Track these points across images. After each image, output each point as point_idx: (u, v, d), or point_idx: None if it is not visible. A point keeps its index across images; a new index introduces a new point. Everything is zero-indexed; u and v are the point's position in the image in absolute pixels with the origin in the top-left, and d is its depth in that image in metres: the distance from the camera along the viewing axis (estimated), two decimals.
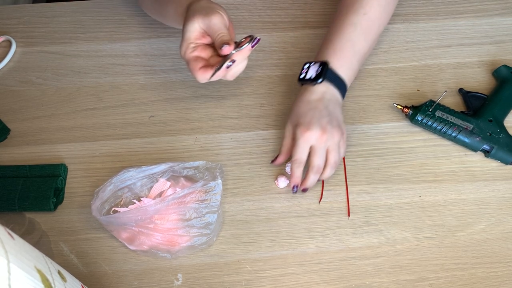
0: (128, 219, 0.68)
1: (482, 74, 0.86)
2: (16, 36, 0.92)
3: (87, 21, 0.94)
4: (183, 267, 0.70)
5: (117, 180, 0.72)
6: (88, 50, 0.91)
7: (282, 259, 0.70)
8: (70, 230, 0.73)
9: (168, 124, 0.82)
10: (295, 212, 0.74)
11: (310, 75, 0.74)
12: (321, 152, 0.70)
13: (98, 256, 0.71)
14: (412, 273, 0.69)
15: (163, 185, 0.74)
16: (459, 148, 0.78)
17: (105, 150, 0.80)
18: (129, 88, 0.86)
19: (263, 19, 0.93)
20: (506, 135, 0.77)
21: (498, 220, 0.73)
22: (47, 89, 0.87)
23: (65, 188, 0.76)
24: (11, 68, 0.89)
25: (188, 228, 0.69)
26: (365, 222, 0.73)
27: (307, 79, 0.74)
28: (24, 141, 0.81)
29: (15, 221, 0.73)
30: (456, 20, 0.92)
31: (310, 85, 0.74)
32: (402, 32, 0.91)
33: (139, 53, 0.90)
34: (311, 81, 0.73)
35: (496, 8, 0.93)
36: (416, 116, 0.78)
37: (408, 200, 0.74)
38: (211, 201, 0.70)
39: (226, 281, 0.69)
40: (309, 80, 0.74)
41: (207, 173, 0.73)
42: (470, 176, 0.76)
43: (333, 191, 0.75)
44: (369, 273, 0.69)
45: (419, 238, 0.71)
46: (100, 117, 0.83)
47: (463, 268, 0.69)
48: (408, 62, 0.87)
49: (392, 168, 0.77)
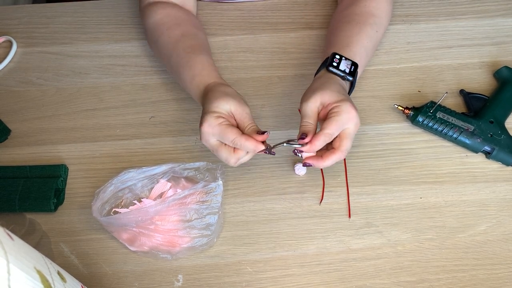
0: (128, 220, 0.68)
1: (483, 75, 0.86)
2: (16, 37, 0.92)
3: (87, 22, 0.94)
4: (183, 268, 0.70)
5: (117, 181, 0.72)
6: (88, 50, 0.91)
7: (283, 260, 0.70)
8: (71, 231, 0.73)
9: (168, 124, 0.82)
10: (296, 213, 0.74)
11: (344, 68, 0.72)
12: (352, 138, 0.67)
13: (99, 257, 0.71)
14: (413, 274, 0.69)
15: (164, 186, 0.74)
16: (460, 150, 0.78)
17: (105, 150, 0.80)
18: (130, 88, 0.86)
19: (264, 20, 0.93)
20: (507, 136, 0.77)
21: (499, 221, 0.72)
22: (47, 89, 0.87)
23: (65, 188, 0.76)
24: (11, 69, 0.89)
25: (188, 229, 0.69)
26: (366, 223, 0.73)
27: (339, 70, 0.72)
28: (24, 141, 0.81)
29: (16, 222, 0.73)
30: (457, 21, 0.92)
31: (338, 76, 0.72)
32: (403, 33, 0.91)
33: (139, 53, 0.90)
34: (342, 74, 0.72)
35: (497, 9, 0.93)
36: (417, 117, 0.78)
37: (409, 201, 0.74)
38: (212, 202, 0.70)
39: (227, 282, 0.69)
40: (341, 72, 0.72)
41: (207, 174, 0.73)
42: (471, 178, 0.76)
43: (334, 192, 0.75)
44: (369, 274, 0.69)
45: (419, 240, 0.71)
46: (100, 118, 0.83)
47: (464, 269, 0.69)
48: (409, 63, 0.87)
49: (393, 169, 0.77)
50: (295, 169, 0.76)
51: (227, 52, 0.89)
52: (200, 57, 0.77)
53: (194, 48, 0.78)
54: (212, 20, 0.93)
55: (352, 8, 0.82)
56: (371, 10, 0.81)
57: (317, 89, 0.68)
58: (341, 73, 0.72)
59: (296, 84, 0.85)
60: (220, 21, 0.93)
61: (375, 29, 0.80)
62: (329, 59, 0.73)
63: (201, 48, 0.79)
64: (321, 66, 0.75)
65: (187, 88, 0.76)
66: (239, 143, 0.65)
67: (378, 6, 0.81)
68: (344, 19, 0.81)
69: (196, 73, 0.75)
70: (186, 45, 0.78)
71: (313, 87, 0.70)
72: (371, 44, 0.79)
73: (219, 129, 0.66)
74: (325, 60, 0.74)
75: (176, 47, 0.79)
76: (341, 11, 0.84)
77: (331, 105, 0.66)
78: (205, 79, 0.74)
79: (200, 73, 0.74)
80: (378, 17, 0.81)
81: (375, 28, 0.80)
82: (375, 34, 0.80)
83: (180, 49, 0.78)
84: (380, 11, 0.81)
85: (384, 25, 0.83)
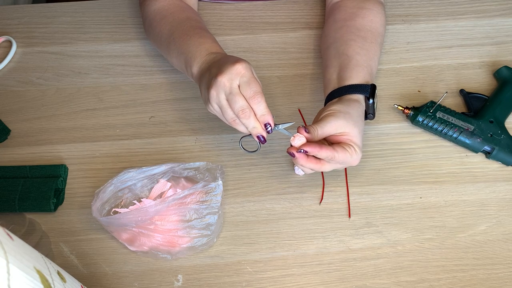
0: (128, 220, 0.67)
1: (483, 75, 0.86)
2: (16, 37, 0.92)
3: (87, 22, 0.94)
4: (183, 268, 0.70)
5: (117, 181, 0.72)
6: (88, 50, 0.91)
7: (283, 260, 0.70)
8: (71, 231, 0.73)
9: (168, 124, 0.82)
10: (296, 213, 0.74)
11: (375, 106, 0.72)
12: (340, 167, 0.68)
13: (98, 257, 0.71)
14: (413, 274, 0.69)
15: (164, 186, 0.74)
16: (460, 149, 0.78)
17: (105, 150, 0.80)
18: (130, 88, 0.86)
19: (264, 20, 0.93)
20: (507, 136, 0.77)
21: (499, 221, 0.72)
22: (47, 89, 0.87)
23: (65, 188, 0.76)
24: (11, 69, 0.89)
25: (188, 229, 0.69)
26: (366, 223, 0.73)
27: (372, 107, 0.72)
28: (24, 141, 0.81)
29: (16, 222, 0.73)
30: (457, 21, 0.92)
31: (368, 109, 0.72)
32: (403, 33, 0.91)
33: (139, 53, 0.90)
34: (370, 113, 0.72)
35: (497, 9, 0.93)
36: (417, 117, 0.78)
37: (409, 201, 0.74)
38: (212, 202, 0.70)
39: (227, 282, 0.69)
40: (371, 109, 0.72)
41: (207, 174, 0.73)
42: (471, 177, 0.76)
43: (334, 192, 0.75)
44: (369, 274, 0.69)
45: (419, 240, 0.71)
46: (100, 118, 0.83)
47: (463, 269, 0.69)
48: (409, 63, 0.87)
49: (392, 169, 0.77)
50: (295, 169, 0.76)
51: (227, 52, 0.89)
52: (210, 34, 0.76)
53: (202, 28, 0.78)
54: (212, 20, 0.93)
55: (359, 20, 0.79)
56: (378, 28, 0.80)
57: (350, 118, 0.67)
58: (371, 110, 0.71)
59: (295, 84, 0.85)
60: (220, 21, 0.93)
61: (380, 42, 0.80)
62: (371, 90, 0.71)
63: (208, 31, 0.79)
64: (353, 88, 0.71)
65: (191, 52, 0.74)
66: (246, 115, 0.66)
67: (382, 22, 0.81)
68: (360, 33, 0.78)
69: (207, 41, 0.74)
70: (193, 24, 0.78)
71: (345, 110, 0.68)
72: (377, 57, 0.79)
73: (248, 76, 0.65)
74: (362, 86, 0.71)
75: (182, 24, 0.78)
76: (346, 21, 0.81)
77: (352, 143, 0.66)
78: (217, 48, 0.73)
79: (212, 44, 0.74)
80: (383, 35, 0.82)
81: (379, 40, 0.80)
82: (380, 49, 0.80)
83: (186, 25, 0.78)
84: (383, 28, 0.82)
85: (383, 35, 0.83)
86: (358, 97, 0.71)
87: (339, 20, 0.82)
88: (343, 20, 0.81)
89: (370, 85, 0.71)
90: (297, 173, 0.76)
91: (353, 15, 0.81)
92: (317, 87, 0.85)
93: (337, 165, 0.67)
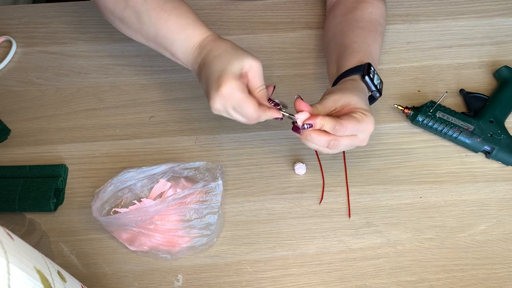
0: (128, 220, 0.67)
1: (483, 75, 0.86)
2: (16, 37, 0.92)
3: (87, 22, 0.94)
4: (183, 268, 0.70)
5: (117, 181, 0.72)
6: (88, 50, 0.91)
7: (283, 260, 0.70)
8: (70, 231, 0.73)
9: (168, 124, 0.82)
10: (296, 213, 0.74)
11: (377, 83, 0.70)
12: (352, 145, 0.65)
13: (98, 257, 0.71)
14: (413, 274, 0.69)
15: (164, 186, 0.74)
16: (460, 149, 0.78)
17: (105, 150, 0.80)
18: (130, 88, 0.86)
19: (264, 20, 0.93)
20: (507, 136, 0.77)
21: (498, 221, 0.72)
22: (47, 89, 0.86)
23: (65, 188, 0.76)
24: (11, 69, 0.89)
25: (188, 229, 0.69)
26: (366, 223, 0.73)
27: (373, 84, 0.69)
28: (24, 141, 0.81)
29: (16, 222, 0.73)
30: (457, 21, 0.92)
31: (368, 88, 0.70)
32: (402, 32, 0.91)
33: (139, 53, 0.90)
34: (373, 89, 0.70)
35: (497, 8, 0.93)
36: (416, 117, 0.78)
37: (409, 201, 0.74)
38: (212, 202, 0.70)
39: (227, 282, 0.69)
40: (373, 86, 0.69)
41: (207, 174, 0.73)
42: (471, 177, 0.76)
43: (334, 192, 0.75)
44: (369, 274, 0.69)
45: (419, 239, 0.71)
46: (100, 118, 0.83)
47: (463, 269, 0.69)
48: (409, 63, 0.87)
49: (392, 169, 0.77)
50: (295, 169, 0.76)
51: None
52: (188, 8, 0.70)
53: (180, 2, 0.71)
54: (212, 20, 0.93)
55: (358, 13, 0.79)
56: (377, 19, 0.79)
57: (346, 90, 0.65)
58: (373, 87, 0.69)
59: (295, 84, 0.85)
60: (220, 21, 0.93)
61: (382, 32, 0.79)
62: (365, 68, 0.69)
63: (186, 5, 0.71)
64: (349, 71, 0.70)
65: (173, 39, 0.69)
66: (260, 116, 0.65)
67: (382, 14, 0.81)
68: (358, 24, 0.78)
69: (189, 22, 0.68)
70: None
71: (340, 87, 0.67)
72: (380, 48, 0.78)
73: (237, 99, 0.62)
74: (357, 67, 0.70)
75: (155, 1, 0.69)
76: (345, 15, 0.81)
77: (356, 109, 0.63)
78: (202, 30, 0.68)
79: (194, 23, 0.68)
80: (384, 26, 0.81)
81: (381, 30, 0.79)
82: (382, 38, 0.80)
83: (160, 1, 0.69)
84: (383, 20, 0.81)
85: (384, 26, 0.82)
86: (353, 77, 0.70)
87: (338, 15, 0.82)
88: (343, 14, 0.81)
89: (363, 64, 0.69)
90: (297, 173, 0.76)
91: (352, 9, 0.80)
92: (317, 87, 0.85)
93: (354, 139, 0.63)
